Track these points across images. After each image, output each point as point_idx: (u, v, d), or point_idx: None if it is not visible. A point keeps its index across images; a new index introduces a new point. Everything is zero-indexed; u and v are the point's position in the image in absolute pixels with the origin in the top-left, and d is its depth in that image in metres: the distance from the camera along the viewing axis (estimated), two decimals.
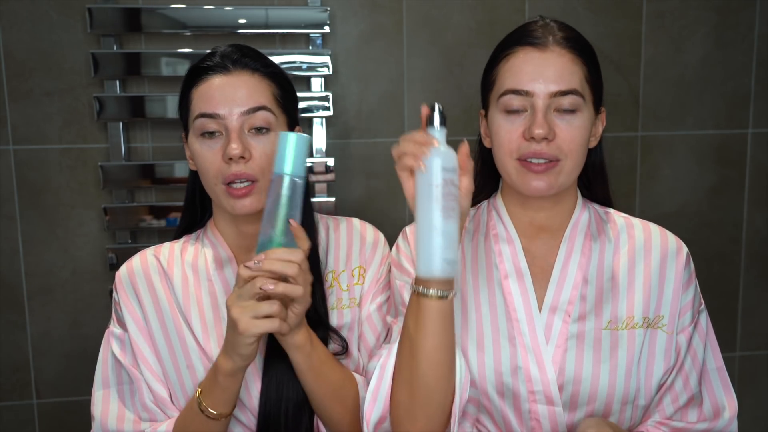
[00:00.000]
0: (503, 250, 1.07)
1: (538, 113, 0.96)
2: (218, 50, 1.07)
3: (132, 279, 1.09)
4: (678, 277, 1.04)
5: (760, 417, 2.12)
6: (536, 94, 0.97)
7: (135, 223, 1.77)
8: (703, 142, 1.98)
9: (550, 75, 0.97)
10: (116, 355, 1.07)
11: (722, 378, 1.07)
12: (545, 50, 0.98)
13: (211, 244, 1.12)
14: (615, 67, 1.91)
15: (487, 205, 1.13)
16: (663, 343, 1.02)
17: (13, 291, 1.79)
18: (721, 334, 2.06)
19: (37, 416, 1.83)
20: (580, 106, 0.98)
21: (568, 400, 1.00)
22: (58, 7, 1.71)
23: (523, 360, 1.00)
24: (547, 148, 0.97)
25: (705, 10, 1.92)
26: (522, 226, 1.08)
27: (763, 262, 2.05)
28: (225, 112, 1.01)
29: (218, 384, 0.97)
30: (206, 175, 1.04)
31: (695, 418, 1.03)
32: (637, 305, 1.03)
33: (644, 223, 1.09)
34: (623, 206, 1.95)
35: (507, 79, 0.99)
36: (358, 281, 1.13)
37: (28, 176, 1.76)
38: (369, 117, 1.85)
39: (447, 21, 1.82)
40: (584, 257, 1.05)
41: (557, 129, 0.97)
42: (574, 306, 1.02)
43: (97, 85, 1.75)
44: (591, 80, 1.01)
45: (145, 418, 1.05)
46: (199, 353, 1.05)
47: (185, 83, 1.07)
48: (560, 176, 0.99)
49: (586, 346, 1.00)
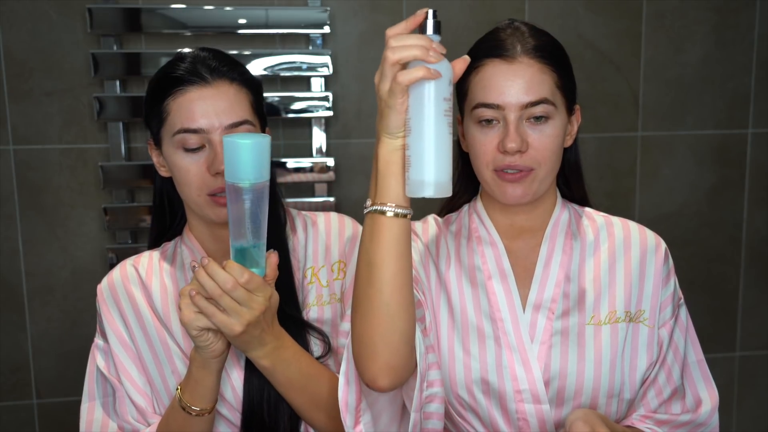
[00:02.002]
0: (486, 252, 1.08)
1: (509, 126, 0.98)
2: (188, 55, 1.04)
3: (112, 292, 1.10)
4: (657, 272, 1.06)
5: (760, 417, 2.12)
6: (507, 107, 0.98)
7: (135, 223, 1.77)
8: (702, 142, 1.98)
9: (520, 87, 0.97)
10: (100, 367, 1.08)
11: (702, 371, 1.09)
12: (513, 62, 0.98)
13: (188, 249, 1.12)
14: (615, 67, 1.91)
15: (468, 208, 1.15)
16: (645, 337, 1.04)
17: (13, 291, 1.79)
18: (721, 334, 2.07)
19: (37, 416, 1.83)
20: (552, 113, 0.99)
21: (555, 397, 1.01)
22: (58, 7, 1.71)
23: (508, 359, 1.02)
24: (520, 159, 0.98)
25: (705, 10, 1.92)
26: (503, 228, 1.10)
27: (763, 262, 2.05)
28: (207, 125, 1.00)
29: (192, 376, 0.98)
30: (188, 186, 1.03)
31: (679, 410, 1.06)
32: (618, 300, 1.05)
33: (623, 221, 1.11)
34: (623, 206, 1.97)
35: (478, 92, 1.00)
36: (338, 276, 1.12)
37: (28, 176, 1.76)
38: (369, 117, 1.85)
39: (447, 21, 1.81)
40: (566, 255, 1.07)
41: (530, 139, 0.98)
42: (557, 303, 1.04)
43: (97, 85, 1.75)
44: (562, 84, 1.02)
45: (128, 429, 1.06)
46: (182, 357, 1.06)
47: (156, 92, 1.04)
48: (534, 183, 1.01)
49: (571, 341, 1.02)
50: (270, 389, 1.03)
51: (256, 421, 1.03)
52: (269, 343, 0.97)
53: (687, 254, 2.01)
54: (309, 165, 1.79)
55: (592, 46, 1.89)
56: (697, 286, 2.04)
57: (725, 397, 2.09)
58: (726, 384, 2.08)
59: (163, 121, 1.03)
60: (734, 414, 2.10)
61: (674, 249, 1.99)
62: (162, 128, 1.04)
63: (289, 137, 1.83)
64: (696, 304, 2.02)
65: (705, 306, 2.05)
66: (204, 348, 0.94)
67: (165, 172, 1.09)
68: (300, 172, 1.80)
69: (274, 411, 1.04)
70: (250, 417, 1.03)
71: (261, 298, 0.91)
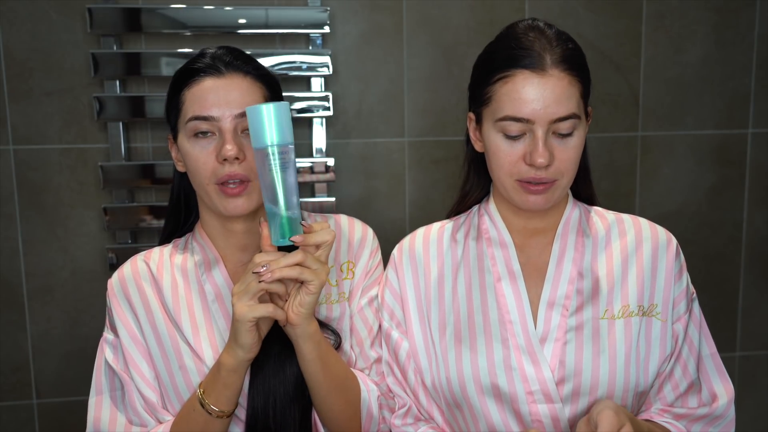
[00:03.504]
0: (496, 253, 1.09)
1: (538, 142, 0.97)
2: (208, 52, 1.07)
3: (123, 286, 1.10)
4: (669, 267, 1.07)
5: (760, 417, 2.12)
6: (537, 121, 0.97)
7: (135, 223, 1.77)
8: (702, 142, 1.98)
9: (550, 102, 0.96)
10: (109, 361, 1.09)
11: (716, 364, 1.10)
12: (544, 75, 0.97)
13: (199, 246, 1.13)
14: (615, 67, 1.91)
15: (478, 209, 1.15)
16: (658, 331, 1.05)
17: (13, 291, 1.79)
18: (721, 334, 2.07)
19: (37, 416, 1.83)
20: (577, 125, 1.00)
21: (570, 394, 1.01)
22: (58, 7, 1.71)
23: (518, 361, 1.02)
24: (545, 172, 0.99)
25: (705, 10, 1.92)
26: (516, 229, 1.10)
27: (763, 262, 2.05)
28: (218, 114, 1.02)
29: (221, 380, 0.99)
30: (198, 175, 1.05)
31: (696, 404, 1.06)
32: (631, 295, 1.05)
33: (634, 218, 1.12)
34: (623, 206, 1.97)
35: (506, 104, 0.98)
36: (347, 276, 1.14)
37: (28, 176, 1.76)
38: (369, 117, 1.85)
39: (447, 21, 1.82)
40: (578, 252, 1.07)
41: (555, 152, 0.99)
42: (571, 300, 1.05)
43: (97, 85, 1.75)
44: (585, 94, 1.02)
45: (137, 423, 1.06)
46: (191, 354, 1.06)
47: (175, 85, 1.07)
48: (556, 192, 1.02)
49: (585, 337, 1.02)
50: (276, 394, 1.03)
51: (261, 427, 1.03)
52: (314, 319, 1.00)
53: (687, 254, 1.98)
54: (309, 165, 1.79)
55: (592, 46, 1.89)
56: (697, 286, 2.01)
57: None
58: None
59: (179, 111, 1.06)
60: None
61: None
62: (178, 119, 1.07)
63: None
64: None
65: (705, 306, 2.03)
66: (246, 345, 0.95)
67: (182, 167, 1.11)
68: (300, 172, 1.80)
69: (280, 417, 1.04)
70: (253, 423, 1.04)
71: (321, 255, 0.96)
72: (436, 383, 1.07)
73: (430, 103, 1.86)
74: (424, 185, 1.88)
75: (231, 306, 1.07)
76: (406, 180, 1.87)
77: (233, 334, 0.96)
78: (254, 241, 1.11)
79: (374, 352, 1.13)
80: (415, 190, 1.88)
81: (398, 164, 1.87)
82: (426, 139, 1.87)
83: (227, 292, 1.09)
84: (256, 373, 1.03)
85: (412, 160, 1.87)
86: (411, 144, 1.87)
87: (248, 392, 1.04)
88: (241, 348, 0.96)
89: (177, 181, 1.16)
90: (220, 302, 1.09)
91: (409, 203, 1.88)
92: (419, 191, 1.88)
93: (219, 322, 1.08)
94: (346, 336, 1.12)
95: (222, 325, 1.08)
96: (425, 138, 1.87)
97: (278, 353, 1.03)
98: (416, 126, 1.86)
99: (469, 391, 1.03)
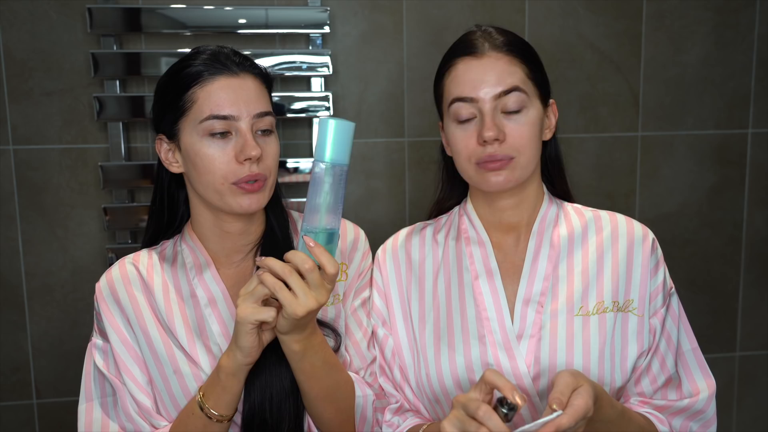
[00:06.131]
0: (474, 251, 1.11)
1: (485, 117, 1.03)
2: (207, 50, 1.05)
3: (112, 289, 1.09)
4: (645, 262, 1.08)
5: (760, 417, 2.12)
6: (480, 99, 1.03)
7: (135, 223, 1.77)
8: (702, 142, 1.98)
9: (491, 79, 1.03)
10: (99, 366, 1.07)
11: (698, 358, 1.10)
12: (482, 57, 1.04)
13: (189, 249, 1.11)
14: (615, 67, 1.91)
15: (458, 210, 1.19)
16: (635, 326, 1.06)
17: (13, 291, 1.79)
18: (721, 334, 2.07)
19: (37, 416, 1.83)
20: (525, 102, 1.04)
21: (546, 389, 1.03)
22: (58, 7, 1.71)
23: (494, 357, 1.04)
24: (500, 149, 1.03)
25: (705, 10, 1.92)
26: (492, 226, 1.13)
27: (763, 262, 2.05)
28: (237, 113, 1.02)
29: (220, 383, 0.98)
30: (211, 174, 1.02)
31: (675, 397, 1.07)
32: (606, 291, 1.06)
33: (611, 214, 1.14)
34: (623, 206, 1.97)
35: (452, 89, 1.06)
36: (340, 278, 1.14)
37: (28, 176, 1.76)
38: (369, 117, 1.85)
39: (447, 21, 1.82)
40: (553, 249, 1.09)
41: (507, 129, 1.03)
42: (546, 297, 1.06)
43: (97, 85, 1.75)
44: (533, 77, 1.06)
45: (130, 429, 1.05)
46: (185, 358, 1.06)
47: (179, 84, 1.04)
48: (516, 171, 1.05)
49: (560, 333, 1.04)
50: (272, 390, 1.03)
51: (257, 422, 1.03)
52: (308, 329, 0.98)
53: (687, 254, 2.01)
54: (309, 165, 1.79)
55: (592, 46, 1.89)
56: (697, 286, 2.04)
57: (725, 397, 2.09)
58: (726, 384, 2.08)
59: (185, 111, 1.03)
60: (734, 414, 2.10)
61: (674, 249, 2.00)
62: (182, 119, 1.04)
63: (289, 137, 1.83)
64: (696, 304, 2.02)
65: (705, 306, 2.05)
66: (246, 348, 0.95)
67: (177, 168, 1.08)
68: (300, 172, 1.80)
69: (276, 411, 1.04)
70: (250, 418, 1.04)
71: (330, 287, 0.93)
72: (419, 380, 1.09)
73: (430, 103, 1.85)
74: (424, 185, 1.88)
75: (225, 310, 1.08)
76: (406, 180, 1.87)
77: (234, 336, 0.96)
78: (248, 242, 1.11)
79: (370, 353, 1.14)
80: (415, 190, 1.88)
81: (398, 164, 1.87)
82: (426, 139, 1.87)
83: (220, 296, 1.09)
84: (254, 367, 1.03)
85: (412, 160, 1.87)
86: (411, 144, 1.87)
87: (245, 387, 1.03)
88: (240, 350, 0.95)
89: (162, 182, 1.14)
90: (213, 306, 1.08)
91: (409, 203, 1.88)
92: (419, 191, 1.88)
93: (213, 327, 1.07)
94: (342, 337, 1.12)
95: (216, 329, 1.07)
96: (425, 138, 1.87)
97: (275, 348, 1.02)
98: (416, 126, 1.86)
99: (448, 387, 1.05)
